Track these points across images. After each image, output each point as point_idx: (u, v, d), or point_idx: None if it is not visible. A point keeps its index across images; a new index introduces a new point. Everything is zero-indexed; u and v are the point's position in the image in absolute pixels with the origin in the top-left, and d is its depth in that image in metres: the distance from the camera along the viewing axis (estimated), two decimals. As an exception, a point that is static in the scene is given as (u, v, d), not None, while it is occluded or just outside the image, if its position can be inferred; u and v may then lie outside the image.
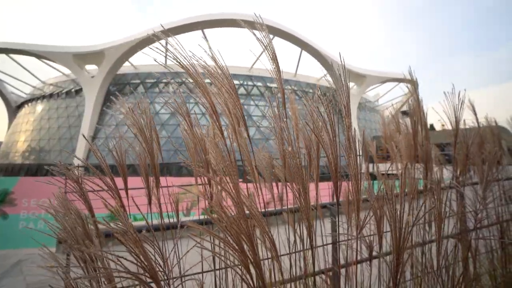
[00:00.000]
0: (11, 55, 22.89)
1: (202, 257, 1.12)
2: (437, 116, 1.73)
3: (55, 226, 0.91)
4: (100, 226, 0.99)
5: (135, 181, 1.58)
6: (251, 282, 0.77)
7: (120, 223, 0.74)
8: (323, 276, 1.35)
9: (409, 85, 1.61)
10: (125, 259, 0.74)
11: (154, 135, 1.02)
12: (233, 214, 0.76)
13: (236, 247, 0.74)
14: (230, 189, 0.76)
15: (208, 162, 1.09)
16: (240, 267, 0.78)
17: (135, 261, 0.75)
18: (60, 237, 0.93)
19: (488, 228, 1.79)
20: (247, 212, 0.78)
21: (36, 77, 27.41)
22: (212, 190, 1.14)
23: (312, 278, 1.13)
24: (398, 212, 0.89)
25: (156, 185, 1.05)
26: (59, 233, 1.00)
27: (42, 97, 27.52)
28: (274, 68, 1.04)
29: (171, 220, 1.13)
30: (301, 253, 1.14)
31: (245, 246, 0.76)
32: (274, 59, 1.02)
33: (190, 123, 1.08)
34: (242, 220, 0.75)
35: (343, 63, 0.93)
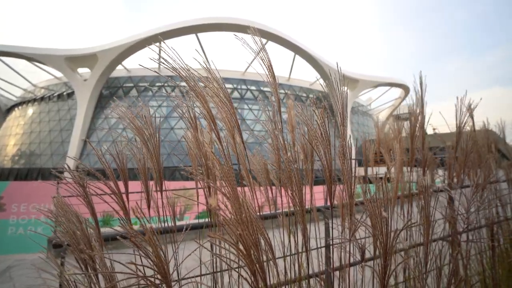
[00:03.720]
0: (1, 57, 22.54)
1: (200, 261, 1.13)
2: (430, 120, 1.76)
3: (51, 230, 0.92)
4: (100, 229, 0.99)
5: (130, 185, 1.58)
6: (255, 284, 0.79)
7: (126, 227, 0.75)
8: (318, 279, 1.37)
9: (416, 92, 1.62)
10: (120, 263, 0.75)
11: (156, 142, 1.03)
12: (232, 217, 0.78)
13: (244, 251, 0.76)
14: (230, 194, 0.78)
15: (209, 168, 1.10)
16: (241, 269, 0.80)
17: (144, 264, 0.76)
18: (57, 241, 0.93)
19: (479, 230, 1.83)
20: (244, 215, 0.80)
21: (27, 80, 27.03)
22: (214, 194, 1.15)
23: (307, 280, 1.15)
24: (384, 216, 0.91)
25: (160, 189, 1.05)
26: (54, 237, 1.00)
27: (33, 100, 27.13)
28: (270, 75, 1.06)
29: (168, 224, 1.13)
30: (296, 255, 1.15)
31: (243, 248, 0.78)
32: (270, 68, 1.05)
33: (196, 128, 1.10)
34: (249, 224, 0.77)
35: (340, 71, 0.95)
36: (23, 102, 28.11)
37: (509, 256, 1.82)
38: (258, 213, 0.98)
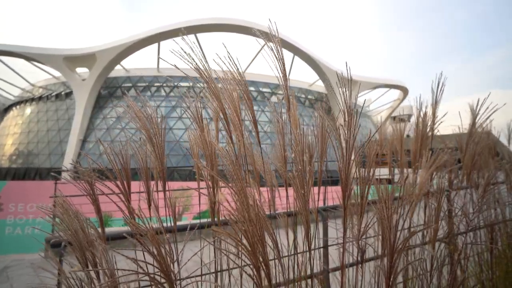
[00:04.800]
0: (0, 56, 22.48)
1: (201, 261, 1.13)
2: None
3: (53, 227, 0.91)
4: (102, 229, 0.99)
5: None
6: (258, 281, 0.79)
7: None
8: (319, 278, 1.37)
9: (433, 92, 1.60)
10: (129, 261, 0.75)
11: (160, 141, 1.03)
12: (238, 215, 0.79)
13: (249, 248, 0.77)
14: (239, 192, 0.80)
15: (215, 167, 1.11)
16: (245, 267, 0.81)
17: (148, 263, 0.77)
18: (56, 241, 0.93)
19: (478, 231, 1.84)
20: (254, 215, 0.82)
21: (25, 79, 26.93)
22: (219, 190, 1.15)
23: (309, 280, 1.15)
24: (395, 217, 0.92)
25: (163, 189, 1.05)
26: (52, 236, 0.99)
27: (31, 100, 27.06)
28: (282, 76, 1.07)
29: (171, 224, 1.13)
30: (299, 255, 1.16)
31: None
32: (284, 71, 1.06)
33: (202, 128, 1.10)
34: (257, 222, 0.78)
35: (348, 74, 0.96)
36: (21, 102, 28.03)
37: (507, 258, 1.83)
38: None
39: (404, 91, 29.95)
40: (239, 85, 1.01)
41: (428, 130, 1.61)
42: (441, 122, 1.65)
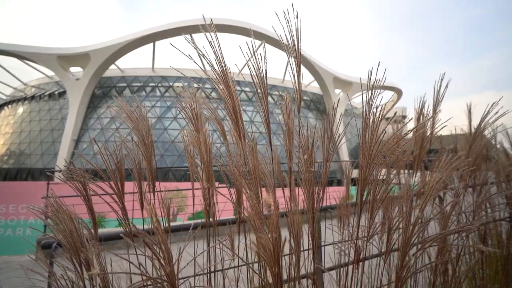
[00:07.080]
0: (-9, 55, 22.15)
1: (195, 262, 1.13)
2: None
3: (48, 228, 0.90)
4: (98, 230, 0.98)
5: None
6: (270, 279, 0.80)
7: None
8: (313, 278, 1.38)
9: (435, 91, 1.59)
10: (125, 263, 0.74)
11: (150, 141, 1.03)
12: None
13: (267, 247, 0.78)
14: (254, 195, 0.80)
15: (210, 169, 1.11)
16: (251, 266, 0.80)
17: (147, 265, 0.76)
18: (46, 242, 0.92)
19: (469, 231, 1.86)
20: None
21: (17, 78, 26.57)
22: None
23: (304, 279, 1.16)
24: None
25: (153, 190, 1.05)
26: (43, 237, 0.98)
27: (24, 99, 26.70)
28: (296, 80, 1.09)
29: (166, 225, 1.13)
30: (305, 252, 1.17)
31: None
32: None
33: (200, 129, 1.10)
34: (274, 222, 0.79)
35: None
36: (13, 101, 27.63)
37: (497, 257, 1.86)
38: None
39: (398, 92, 30.27)
40: (261, 86, 1.03)
41: (428, 131, 1.62)
42: (444, 126, 1.65)
